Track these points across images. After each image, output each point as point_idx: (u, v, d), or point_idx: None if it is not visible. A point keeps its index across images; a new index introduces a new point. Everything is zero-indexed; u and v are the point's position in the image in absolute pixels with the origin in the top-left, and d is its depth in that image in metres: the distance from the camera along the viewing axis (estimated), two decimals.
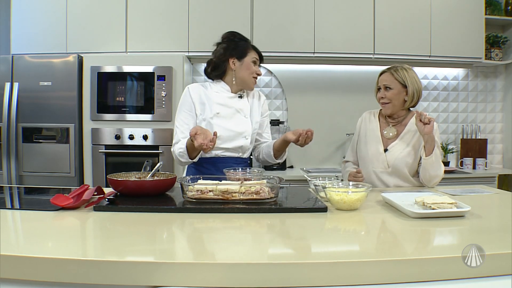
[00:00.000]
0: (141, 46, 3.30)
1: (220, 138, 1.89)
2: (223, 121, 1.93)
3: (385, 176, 2.02)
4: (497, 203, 1.68)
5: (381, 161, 2.02)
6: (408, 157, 1.99)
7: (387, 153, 2.02)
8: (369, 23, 3.42)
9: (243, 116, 1.99)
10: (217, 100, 1.95)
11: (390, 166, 2.01)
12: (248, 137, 1.98)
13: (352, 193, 1.40)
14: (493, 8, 3.70)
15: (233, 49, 1.95)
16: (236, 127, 1.95)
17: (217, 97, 1.96)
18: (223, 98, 1.97)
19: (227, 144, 1.93)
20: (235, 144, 1.95)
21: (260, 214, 1.34)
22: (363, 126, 2.17)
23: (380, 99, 2.05)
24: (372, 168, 2.04)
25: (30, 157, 3.04)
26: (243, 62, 1.94)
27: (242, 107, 2.00)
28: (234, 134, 1.94)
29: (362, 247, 1.06)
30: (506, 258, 0.93)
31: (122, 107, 3.08)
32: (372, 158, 2.04)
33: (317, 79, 3.77)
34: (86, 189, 1.47)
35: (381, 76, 2.08)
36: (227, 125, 1.93)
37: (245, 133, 1.97)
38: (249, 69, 1.94)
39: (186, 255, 0.99)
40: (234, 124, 1.95)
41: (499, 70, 3.97)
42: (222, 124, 1.92)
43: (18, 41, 3.31)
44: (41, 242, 1.04)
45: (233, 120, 1.96)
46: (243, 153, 2.00)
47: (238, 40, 1.98)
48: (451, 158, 3.90)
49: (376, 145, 2.06)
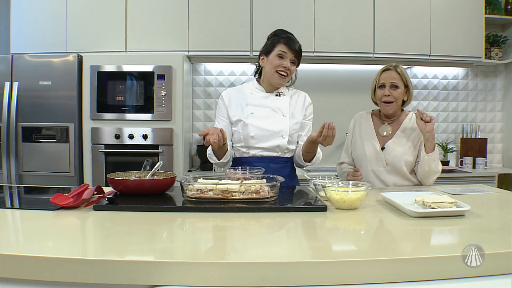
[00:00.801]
0: (141, 45, 3.30)
1: (255, 138, 1.92)
2: (258, 121, 1.93)
3: (384, 175, 2.01)
4: (497, 203, 1.68)
5: (379, 160, 2.02)
6: (405, 155, 1.99)
7: (385, 151, 2.02)
8: (369, 22, 3.42)
9: (281, 115, 1.96)
10: (251, 101, 1.96)
11: (388, 164, 2.00)
12: (285, 136, 1.94)
13: (352, 192, 1.40)
14: (493, 7, 3.70)
15: (263, 46, 1.95)
16: (272, 126, 1.93)
17: (251, 98, 1.97)
18: (258, 99, 1.97)
19: (262, 143, 1.93)
20: (271, 144, 1.93)
21: (260, 213, 1.34)
22: (357, 127, 2.14)
23: (384, 97, 1.99)
24: (370, 167, 2.03)
25: (30, 156, 3.04)
26: (269, 58, 1.91)
27: (279, 106, 1.97)
28: (270, 134, 1.93)
29: (362, 246, 1.06)
30: (506, 257, 0.93)
31: (122, 107, 3.08)
32: (369, 157, 2.03)
33: (317, 79, 3.77)
34: (86, 189, 1.47)
35: (385, 73, 2.01)
36: (262, 124, 1.92)
37: (282, 132, 1.94)
38: (272, 63, 1.90)
39: (186, 254, 0.99)
40: (270, 123, 1.93)
41: (499, 69, 3.97)
42: (257, 124, 1.92)
43: (17, 41, 3.31)
44: (41, 242, 1.04)
45: (269, 119, 1.94)
46: (282, 153, 1.97)
47: (271, 36, 1.95)
48: (451, 157, 3.90)
49: (372, 143, 2.05)
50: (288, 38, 1.90)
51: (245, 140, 1.94)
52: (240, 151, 1.99)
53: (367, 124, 2.12)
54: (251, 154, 1.95)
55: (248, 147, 1.95)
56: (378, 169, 2.02)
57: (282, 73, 1.90)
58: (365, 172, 2.02)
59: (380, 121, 2.10)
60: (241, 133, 1.95)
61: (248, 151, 1.95)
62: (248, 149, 1.96)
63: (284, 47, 1.88)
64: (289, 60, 1.90)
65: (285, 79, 1.93)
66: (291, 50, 1.88)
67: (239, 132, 1.95)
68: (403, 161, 1.99)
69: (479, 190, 1.85)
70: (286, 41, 1.88)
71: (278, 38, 1.90)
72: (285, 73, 1.91)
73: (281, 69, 1.89)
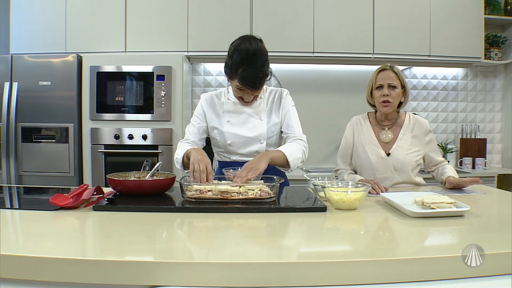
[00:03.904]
0: (141, 45, 3.31)
1: (233, 145, 1.88)
2: (234, 128, 1.87)
3: (390, 180, 1.99)
4: (497, 203, 1.68)
5: (386, 166, 1.99)
6: (411, 158, 1.98)
7: (391, 157, 1.99)
8: (368, 22, 3.43)
9: (258, 119, 1.89)
10: (227, 108, 1.89)
11: (396, 169, 1.98)
12: (263, 141, 1.88)
13: (351, 192, 1.40)
14: (492, 8, 3.70)
15: (225, 66, 1.78)
16: (249, 132, 1.87)
17: (227, 105, 1.89)
18: (233, 105, 1.89)
19: (241, 150, 1.89)
20: (249, 150, 1.88)
21: (259, 213, 1.34)
22: (356, 133, 2.09)
23: (382, 97, 1.97)
24: (376, 175, 2.00)
25: (30, 156, 3.04)
26: (231, 83, 1.80)
27: (256, 111, 1.89)
28: (247, 140, 1.87)
29: (361, 246, 1.06)
30: (505, 257, 0.93)
31: (122, 107, 3.08)
32: (375, 165, 2.00)
33: (317, 79, 3.77)
34: (86, 189, 1.46)
35: (382, 74, 1.99)
36: (238, 131, 1.87)
37: (259, 137, 1.88)
38: (234, 91, 1.81)
39: (185, 254, 0.99)
40: (247, 129, 1.88)
41: (498, 69, 3.98)
42: (234, 131, 1.87)
43: (17, 41, 3.31)
44: (40, 242, 1.04)
45: (246, 125, 1.88)
46: None
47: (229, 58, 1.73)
48: (451, 157, 3.90)
49: (376, 151, 2.01)
50: (243, 79, 1.69)
51: (223, 147, 1.91)
52: (222, 156, 1.96)
53: (367, 130, 2.07)
54: (233, 159, 1.92)
55: (228, 153, 1.92)
56: (385, 176, 1.99)
57: (245, 100, 1.82)
58: (369, 178, 1.99)
59: (380, 126, 2.07)
60: (219, 140, 1.91)
61: (229, 157, 1.92)
62: (229, 155, 1.92)
63: (241, 85, 1.72)
64: (250, 93, 1.78)
65: (250, 103, 1.85)
66: (249, 88, 1.72)
67: (217, 139, 1.92)
68: (411, 164, 1.98)
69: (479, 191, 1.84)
70: (242, 76, 1.68)
71: (236, 70, 1.69)
72: (248, 101, 1.83)
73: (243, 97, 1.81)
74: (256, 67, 1.68)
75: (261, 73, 1.70)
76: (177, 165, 1.86)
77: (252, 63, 1.67)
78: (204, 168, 1.54)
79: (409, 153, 1.99)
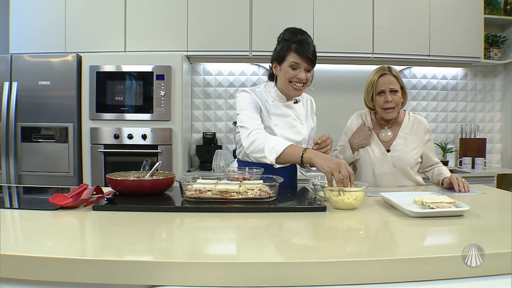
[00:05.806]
0: (140, 45, 3.30)
1: None
2: (285, 131, 1.83)
3: (389, 177, 2.00)
4: (496, 203, 1.69)
5: (386, 163, 2.00)
6: (411, 156, 1.99)
7: (390, 154, 2.00)
8: (368, 22, 3.42)
9: (299, 123, 1.88)
10: (273, 111, 1.83)
11: (395, 166, 1.99)
12: (305, 144, 1.89)
13: (350, 192, 1.39)
14: (492, 8, 3.70)
15: (274, 52, 1.79)
16: (295, 136, 1.85)
17: (273, 107, 1.83)
18: (279, 107, 1.84)
19: None
20: None
21: (259, 213, 1.34)
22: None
23: (385, 103, 1.95)
24: (375, 171, 2.01)
25: (29, 156, 3.04)
26: (282, 68, 1.76)
27: (298, 114, 1.88)
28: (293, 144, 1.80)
29: (360, 246, 1.06)
30: (505, 257, 0.93)
31: (121, 107, 3.08)
32: (374, 161, 2.01)
33: (316, 79, 3.71)
34: (85, 189, 1.46)
35: (382, 78, 1.97)
36: (288, 135, 1.82)
37: (302, 141, 1.87)
38: (285, 74, 1.75)
39: (184, 254, 0.99)
40: (293, 133, 1.85)
41: (498, 69, 3.98)
42: (284, 134, 1.81)
43: (17, 41, 3.31)
44: (40, 242, 1.04)
45: (292, 129, 1.86)
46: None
47: (281, 40, 1.78)
48: (450, 157, 3.90)
49: (377, 147, 2.03)
50: (299, 43, 1.70)
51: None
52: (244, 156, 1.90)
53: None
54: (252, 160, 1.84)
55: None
56: (384, 172, 2.00)
57: (297, 85, 1.76)
58: (370, 175, 2.01)
59: (379, 125, 2.08)
60: None
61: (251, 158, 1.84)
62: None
63: (296, 57, 1.71)
64: (303, 70, 1.74)
65: (301, 90, 1.80)
66: (304, 58, 1.71)
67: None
68: (411, 161, 1.98)
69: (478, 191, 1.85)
70: (298, 47, 1.70)
71: (289, 44, 1.72)
72: (301, 84, 1.77)
73: (296, 80, 1.75)
74: (309, 39, 1.75)
75: (313, 47, 1.76)
76: (270, 156, 1.62)
77: (305, 35, 1.76)
78: (347, 172, 1.44)
79: (408, 150, 1.99)
